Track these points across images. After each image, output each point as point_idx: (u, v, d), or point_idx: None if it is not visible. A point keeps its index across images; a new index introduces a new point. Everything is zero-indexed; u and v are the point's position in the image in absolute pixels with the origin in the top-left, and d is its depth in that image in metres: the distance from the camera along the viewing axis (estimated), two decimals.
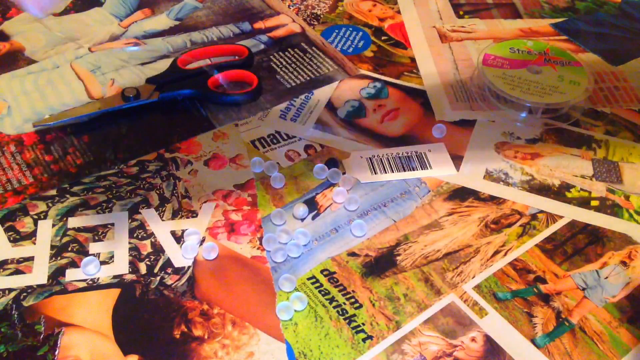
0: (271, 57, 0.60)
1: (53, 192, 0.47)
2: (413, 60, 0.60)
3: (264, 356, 0.39)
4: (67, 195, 0.47)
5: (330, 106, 0.55)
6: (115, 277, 0.43)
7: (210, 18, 0.64)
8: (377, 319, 0.41)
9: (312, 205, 0.47)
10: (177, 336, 0.40)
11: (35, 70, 0.58)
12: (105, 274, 0.43)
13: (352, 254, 0.44)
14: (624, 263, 0.44)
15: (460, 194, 0.48)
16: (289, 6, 0.66)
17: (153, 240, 0.45)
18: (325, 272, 0.43)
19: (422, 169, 0.50)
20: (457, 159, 0.51)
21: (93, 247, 0.44)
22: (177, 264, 0.43)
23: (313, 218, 0.46)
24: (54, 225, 0.45)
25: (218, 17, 0.64)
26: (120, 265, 0.43)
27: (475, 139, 0.52)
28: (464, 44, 0.62)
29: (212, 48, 0.59)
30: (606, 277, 0.43)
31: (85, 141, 0.51)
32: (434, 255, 0.44)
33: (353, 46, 0.61)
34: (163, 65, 0.58)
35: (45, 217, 0.46)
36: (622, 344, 0.40)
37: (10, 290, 0.42)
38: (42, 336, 0.39)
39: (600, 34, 0.64)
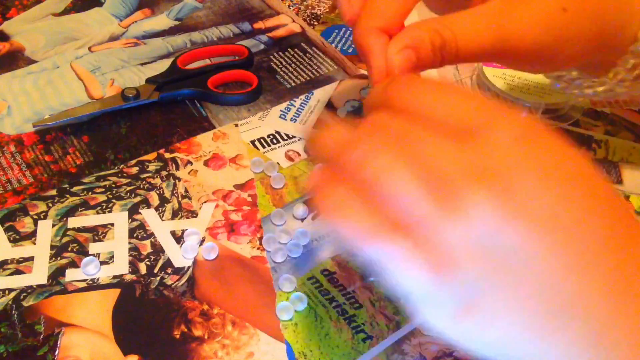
0: (271, 57, 0.60)
1: (53, 192, 0.47)
2: None
3: (264, 356, 0.39)
4: (67, 195, 0.47)
5: (331, 106, 0.55)
6: (115, 277, 0.43)
7: (210, 18, 0.64)
8: (377, 319, 0.41)
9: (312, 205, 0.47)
10: (177, 336, 0.40)
11: (35, 70, 0.58)
12: (105, 274, 0.43)
13: (353, 254, 0.44)
14: None
15: None
16: (289, 6, 0.66)
17: (153, 240, 0.45)
18: (325, 272, 0.43)
19: None
20: None
21: (93, 247, 0.44)
22: (177, 264, 0.43)
23: (313, 218, 0.46)
24: (54, 225, 0.45)
25: (218, 17, 0.64)
26: (120, 265, 0.43)
27: None
28: None
29: (212, 48, 0.59)
30: None
31: (85, 141, 0.51)
32: None
33: (353, 46, 0.61)
34: (163, 65, 0.58)
35: (45, 217, 0.46)
36: None
37: (10, 290, 0.42)
38: (42, 336, 0.39)
39: None
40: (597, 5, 0.37)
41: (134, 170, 0.49)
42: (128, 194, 0.48)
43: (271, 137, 0.52)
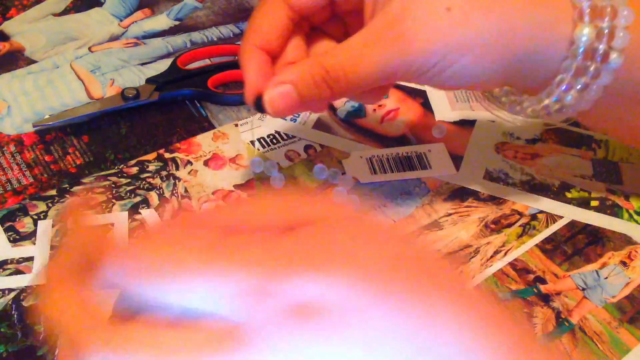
0: None
1: (53, 192, 0.48)
2: None
3: None
4: (67, 195, 0.47)
5: (330, 106, 0.55)
6: None
7: (210, 18, 0.64)
8: None
9: None
10: None
11: (35, 70, 0.58)
12: None
13: None
14: (624, 263, 0.44)
15: (460, 194, 0.48)
16: None
17: None
18: None
19: (422, 169, 0.50)
20: (457, 159, 0.51)
21: None
22: None
23: None
24: (53, 226, 0.45)
25: (218, 17, 0.64)
26: None
27: (475, 139, 0.52)
28: None
29: (212, 48, 0.59)
30: (606, 277, 0.43)
31: (85, 141, 0.51)
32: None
33: None
34: (163, 65, 0.58)
35: (45, 217, 0.46)
36: (622, 344, 0.40)
37: (10, 290, 0.42)
38: (42, 336, 0.39)
39: None
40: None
41: (134, 170, 0.49)
42: (128, 194, 0.48)
43: (271, 137, 0.52)
